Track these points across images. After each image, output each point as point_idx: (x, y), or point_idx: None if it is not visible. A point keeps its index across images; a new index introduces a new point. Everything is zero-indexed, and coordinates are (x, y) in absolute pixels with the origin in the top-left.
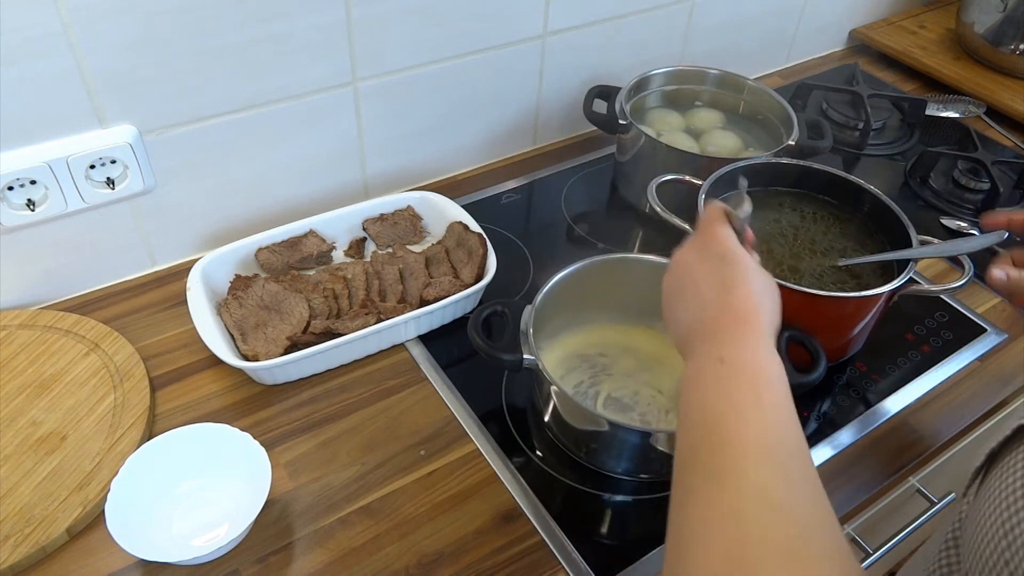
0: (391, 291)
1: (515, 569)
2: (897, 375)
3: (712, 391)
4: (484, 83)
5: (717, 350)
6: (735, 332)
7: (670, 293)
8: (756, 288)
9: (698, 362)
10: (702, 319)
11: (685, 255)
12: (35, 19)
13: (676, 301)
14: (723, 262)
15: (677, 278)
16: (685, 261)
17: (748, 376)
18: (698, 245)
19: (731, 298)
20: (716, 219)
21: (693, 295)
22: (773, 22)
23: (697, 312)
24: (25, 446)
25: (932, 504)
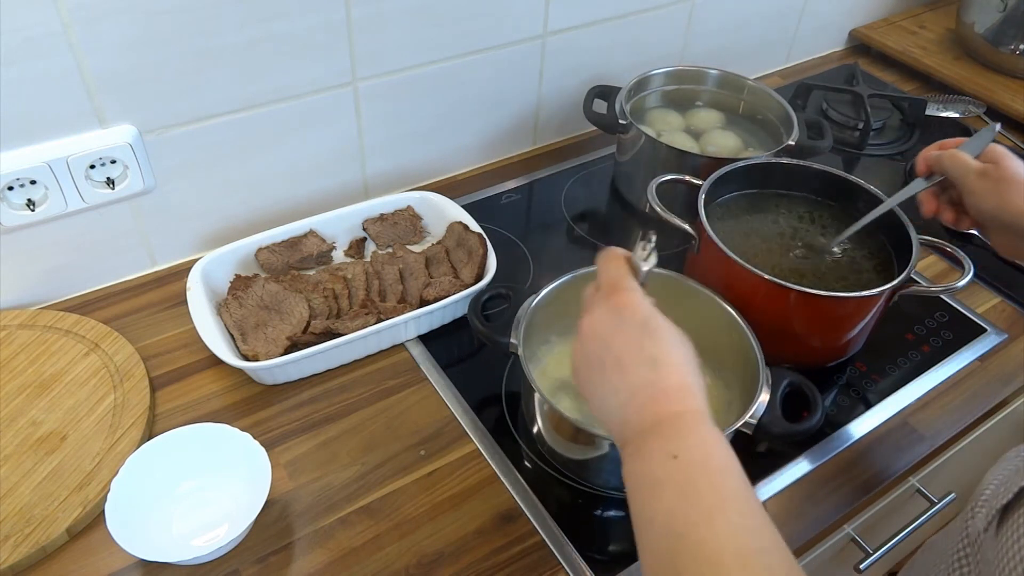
0: (391, 291)
1: (515, 569)
2: (897, 375)
3: (673, 496)
4: (484, 83)
5: (665, 445)
6: (680, 420)
7: (588, 369)
8: (685, 357)
9: (648, 460)
10: (635, 405)
11: (597, 326)
12: (35, 19)
13: (597, 379)
14: (646, 333)
15: (593, 353)
16: (599, 333)
17: (706, 472)
18: (611, 314)
19: (665, 376)
20: (622, 277)
21: (617, 374)
22: (773, 22)
23: (626, 396)
24: (25, 446)
25: (932, 504)
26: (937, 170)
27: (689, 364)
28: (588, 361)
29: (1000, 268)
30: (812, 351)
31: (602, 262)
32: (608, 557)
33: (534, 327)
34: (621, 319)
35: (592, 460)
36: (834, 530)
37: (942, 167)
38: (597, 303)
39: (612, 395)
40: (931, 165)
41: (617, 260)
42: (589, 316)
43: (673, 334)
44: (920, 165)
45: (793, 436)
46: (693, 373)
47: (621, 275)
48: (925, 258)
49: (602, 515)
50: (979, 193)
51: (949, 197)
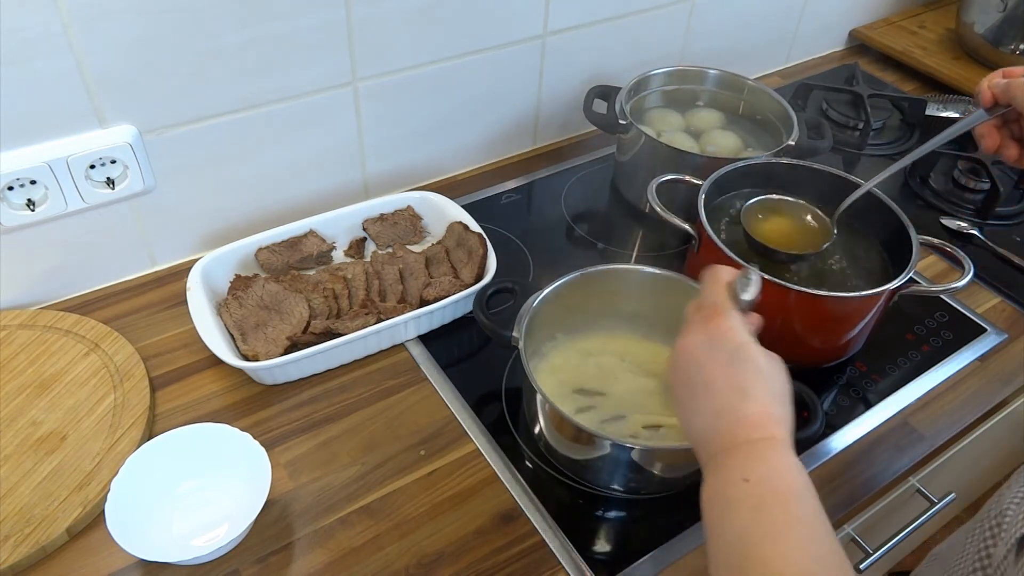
0: (391, 291)
1: (515, 569)
2: (897, 375)
3: (744, 513)
4: (484, 83)
5: (740, 467)
6: (757, 446)
7: (680, 390)
8: (772, 388)
9: (723, 480)
10: (718, 428)
11: (692, 347)
12: (35, 19)
13: (687, 401)
14: (736, 360)
15: (686, 374)
16: (693, 355)
17: (777, 496)
18: (706, 337)
19: (748, 404)
20: (723, 302)
21: (706, 397)
22: (773, 22)
23: (711, 419)
24: (25, 446)
25: (932, 504)
26: (1004, 100)
27: (776, 395)
28: (680, 379)
29: (1000, 268)
30: (812, 351)
31: (706, 282)
32: (608, 557)
33: (539, 323)
34: (714, 343)
35: (592, 460)
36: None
37: (1011, 96)
38: (695, 324)
39: (699, 416)
40: (997, 95)
41: (719, 284)
42: (686, 336)
43: (764, 363)
44: (984, 94)
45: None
46: (780, 404)
47: (722, 299)
48: (925, 258)
49: (602, 515)
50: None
51: (1012, 132)
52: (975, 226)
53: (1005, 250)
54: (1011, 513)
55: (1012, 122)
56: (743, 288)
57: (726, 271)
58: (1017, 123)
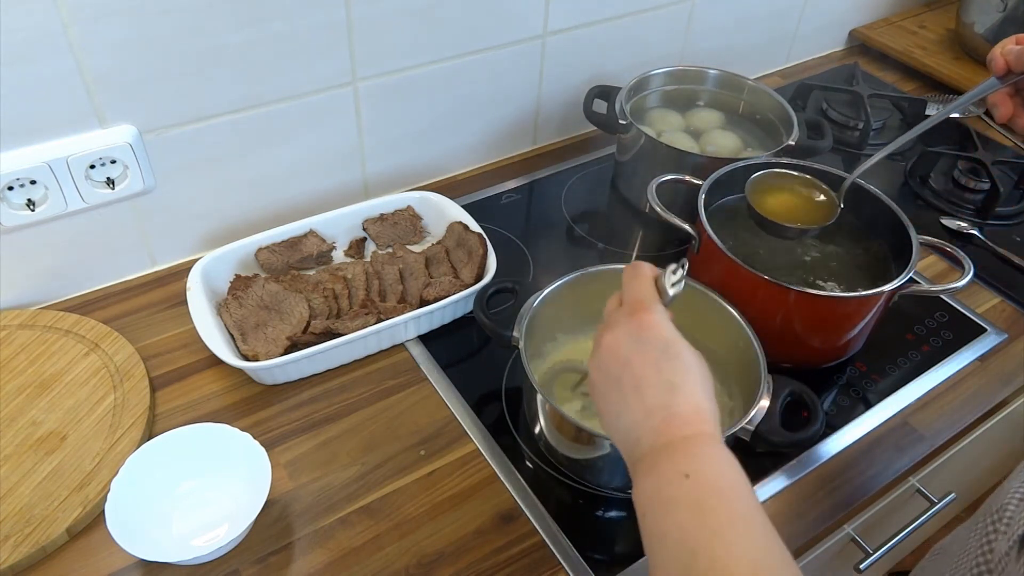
0: (391, 291)
1: (515, 569)
2: (897, 375)
3: (686, 513)
4: (484, 83)
5: (678, 464)
6: (692, 442)
7: (604, 384)
8: (702, 383)
9: (660, 479)
10: (649, 426)
11: (617, 344)
12: (35, 19)
13: (614, 396)
14: (665, 356)
15: (610, 371)
16: (618, 352)
17: (717, 491)
18: (632, 332)
19: (680, 400)
20: (647, 296)
21: (633, 394)
22: (773, 22)
23: (642, 416)
24: (25, 446)
25: (932, 504)
26: (1018, 67)
27: (705, 390)
28: (606, 377)
29: (1000, 268)
30: (812, 351)
31: (629, 278)
32: (608, 557)
33: (539, 323)
34: (642, 339)
35: (593, 460)
36: (834, 530)
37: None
38: (619, 320)
39: (627, 413)
40: (1011, 62)
41: (644, 279)
42: (610, 332)
43: (692, 359)
44: (998, 61)
45: (792, 445)
46: (708, 399)
47: (646, 294)
48: (925, 258)
49: (602, 515)
50: None
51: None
52: (975, 226)
53: (1005, 250)
54: (1012, 508)
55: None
56: (671, 283)
57: (648, 267)
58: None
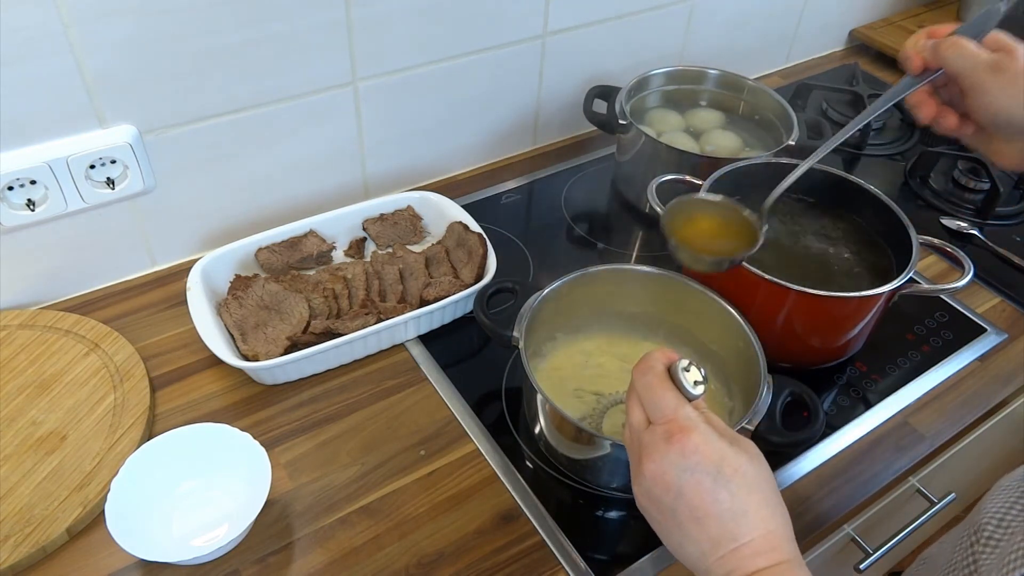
0: (391, 291)
1: (515, 569)
2: (897, 375)
3: None
4: (484, 83)
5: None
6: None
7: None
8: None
9: None
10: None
11: (665, 474)
12: (35, 19)
13: (671, 527)
14: (721, 480)
15: (663, 503)
16: (668, 483)
17: None
18: (676, 461)
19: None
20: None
21: (696, 527)
22: (773, 22)
23: (708, 547)
24: (25, 446)
25: (932, 504)
26: (935, 63)
27: (771, 508)
28: (659, 508)
29: (1000, 268)
30: (812, 351)
31: (644, 387)
32: (608, 557)
33: (539, 323)
34: (689, 468)
35: (593, 460)
36: (834, 530)
37: (942, 59)
38: (657, 447)
39: (691, 544)
40: (927, 59)
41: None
42: (652, 462)
43: (749, 475)
44: (913, 59)
45: (792, 445)
46: (779, 517)
47: (673, 407)
48: (925, 258)
49: (602, 515)
50: (992, 91)
51: (947, 96)
52: (975, 226)
53: (1005, 250)
54: (991, 528)
55: (942, 87)
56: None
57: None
58: (947, 88)
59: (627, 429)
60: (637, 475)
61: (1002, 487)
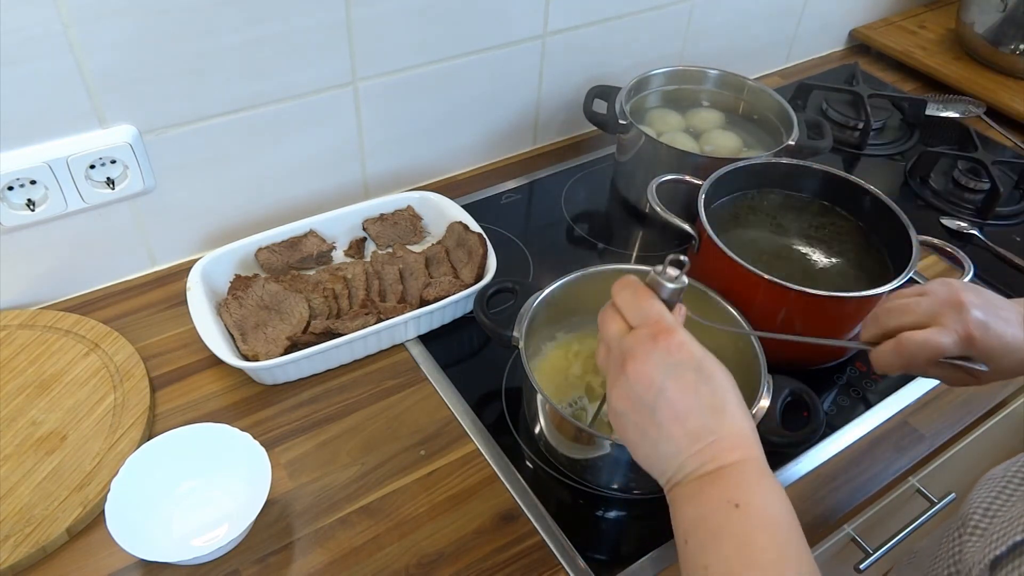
0: (391, 291)
1: (515, 569)
2: (897, 375)
3: (733, 547)
4: (484, 83)
5: (727, 492)
6: (741, 468)
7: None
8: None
9: (708, 506)
10: (694, 452)
11: (648, 371)
12: (35, 19)
13: (647, 425)
14: (699, 377)
15: (644, 401)
16: (650, 380)
17: (765, 525)
18: (661, 358)
19: (726, 424)
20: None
21: (674, 422)
22: (773, 22)
23: (684, 443)
24: (25, 446)
25: (932, 504)
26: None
27: (744, 410)
28: (638, 406)
29: (1000, 268)
30: (812, 351)
31: (627, 299)
32: (608, 557)
33: (539, 323)
34: (674, 363)
35: (593, 460)
36: (834, 530)
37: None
38: (640, 346)
39: (666, 441)
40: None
41: (643, 293)
42: (635, 361)
43: (725, 377)
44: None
45: (792, 445)
46: (749, 419)
47: (658, 311)
48: (925, 258)
49: (602, 515)
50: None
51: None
52: (975, 226)
53: (1005, 250)
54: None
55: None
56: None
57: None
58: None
59: (602, 345)
60: (618, 378)
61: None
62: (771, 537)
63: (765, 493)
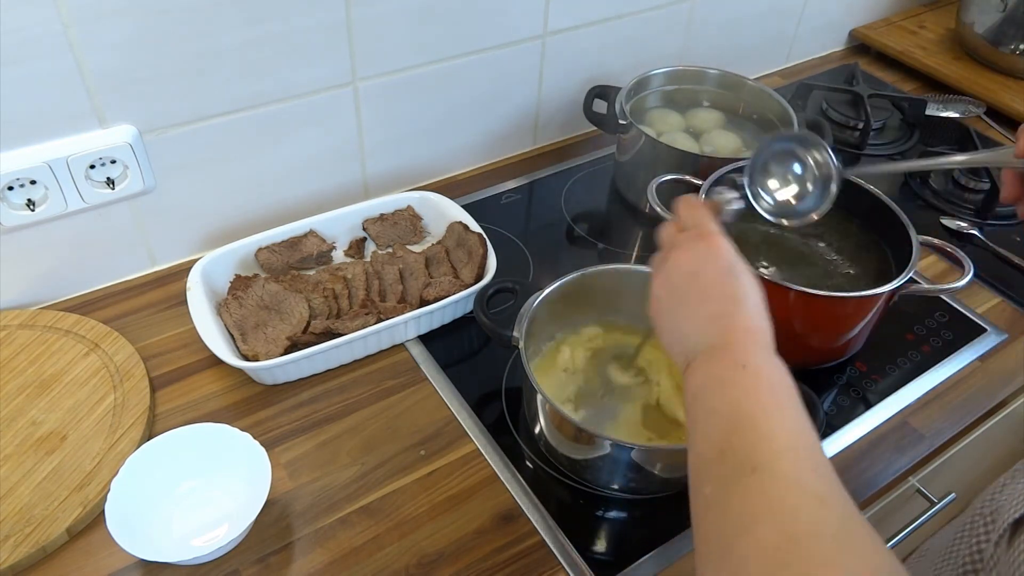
0: (391, 291)
1: (515, 569)
2: (897, 375)
3: (739, 392)
4: (484, 83)
5: (738, 357)
6: (750, 343)
7: (670, 297)
8: (759, 300)
9: (718, 366)
10: (712, 328)
11: (686, 259)
12: (35, 19)
13: (677, 307)
14: (730, 272)
15: (679, 283)
16: (687, 266)
17: (770, 382)
18: (701, 251)
19: (744, 312)
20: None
21: (700, 303)
22: (773, 22)
23: (705, 322)
24: (25, 446)
25: (932, 504)
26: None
27: (763, 311)
28: (672, 290)
29: (1000, 268)
30: (812, 351)
31: (685, 208)
32: (608, 557)
33: (539, 323)
34: (711, 257)
35: (593, 460)
36: None
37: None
38: (686, 241)
39: (689, 319)
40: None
41: (701, 207)
42: (679, 251)
43: (752, 280)
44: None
45: None
46: (765, 316)
47: (709, 220)
48: (925, 258)
49: (602, 515)
50: None
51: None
52: (975, 226)
53: (1005, 250)
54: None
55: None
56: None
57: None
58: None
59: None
60: (661, 265)
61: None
62: (773, 392)
63: (772, 363)
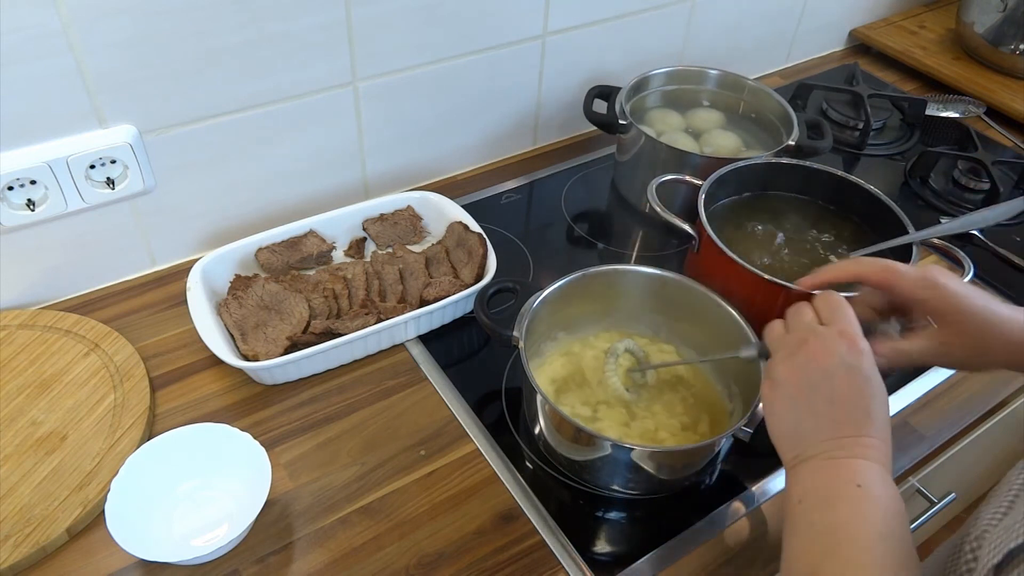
0: (391, 291)
1: (515, 569)
2: (897, 375)
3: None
4: (484, 83)
5: (853, 476)
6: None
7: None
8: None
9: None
10: (834, 438)
11: (826, 355)
12: (35, 19)
13: (802, 400)
14: (867, 385)
15: (809, 378)
16: (827, 364)
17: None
18: (843, 351)
19: (871, 429)
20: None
21: (827, 405)
22: (773, 22)
23: (828, 427)
24: (25, 446)
25: (932, 504)
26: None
27: (888, 426)
28: (800, 383)
29: (1000, 268)
30: None
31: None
32: (608, 557)
33: (539, 323)
34: (853, 363)
35: (593, 460)
36: None
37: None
38: (829, 335)
39: (810, 419)
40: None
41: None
42: (823, 343)
43: (885, 395)
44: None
45: None
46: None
47: (856, 322)
48: (925, 258)
49: (602, 515)
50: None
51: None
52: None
53: (1005, 250)
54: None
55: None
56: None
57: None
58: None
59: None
60: (794, 352)
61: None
62: (882, 516)
63: (889, 489)
